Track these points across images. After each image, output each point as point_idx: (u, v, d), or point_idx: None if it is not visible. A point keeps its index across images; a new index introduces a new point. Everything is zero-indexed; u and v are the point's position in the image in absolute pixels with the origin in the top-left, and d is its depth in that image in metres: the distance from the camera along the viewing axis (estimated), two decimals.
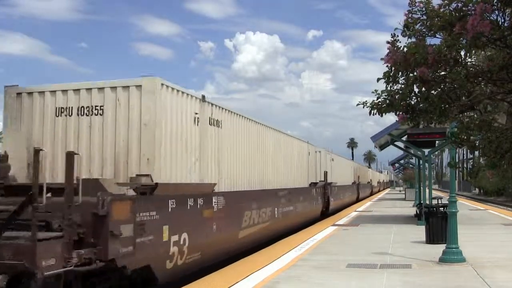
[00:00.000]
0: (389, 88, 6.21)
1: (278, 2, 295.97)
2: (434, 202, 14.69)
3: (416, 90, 6.15)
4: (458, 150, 13.68)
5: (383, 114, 6.28)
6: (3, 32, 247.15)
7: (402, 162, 50.52)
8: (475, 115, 6.61)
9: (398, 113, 6.35)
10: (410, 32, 5.86)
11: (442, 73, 5.97)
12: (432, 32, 5.81)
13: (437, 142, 19.88)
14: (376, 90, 6.23)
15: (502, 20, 5.32)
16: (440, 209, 13.33)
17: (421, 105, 6.18)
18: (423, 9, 5.77)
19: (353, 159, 61.98)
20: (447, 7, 5.55)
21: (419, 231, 14.74)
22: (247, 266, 10.23)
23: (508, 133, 6.02)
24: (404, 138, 21.26)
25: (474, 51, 5.79)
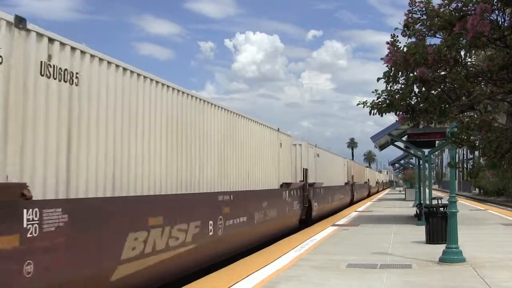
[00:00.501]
0: (389, 88, 6.20)
1: (278, 2, 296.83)
2: (434, 202, 14.70)
3: (416, 90, 6.14)
4: (458, 150, 13.67)
5: (383, 114, 6.27)
6: None
7: (402, 162, 50.56)
8: (475, 115, 6.60)
9: (398, 113, 6.34)
10: (410, 32, 5.86)
11: (442, 73, 5.97)
12: (432, 32, 5.80)
13: (437, 142, 19.87)
14: (376, 90, 6.22)
15: (502, 20, 5.32)
16: (440, 209, 13.34)
17: (421, 105, 6.17)
18: (423, 9, 5.77)
19: (353, 159, 61.44)
20: (447, 7, 5.55)
21: (419, 231, 14.74)
22: (247, 267, 10.23)
23: (508, 133, 6.02)
24: (404, 138, 21.27)
25: (474, 51, 5.78)
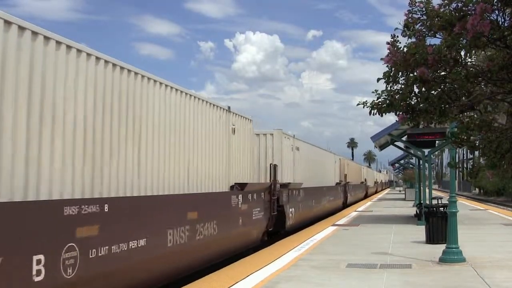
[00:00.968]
0: (389, 88, 6.21)
1: (278, 2, 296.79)
2: (434, 202, 14.70)
3: (416, 90, 6.14)
4: (458, 150, 13.67)
5: (383, 114, 6.27)
6: None
7: (402, 162, 50.49)
8: (475, 115, 6.60)
9: (398, 113, 6.33)
10: (410, 32, 5.86)
11: (442, 73, 5.97)
12: (432, 32, 5.81)
13: (437, 142, 19.87)
14: (376, 90, 6.22)
15: (502, 20, 5.32)
16: (440, 209, 13.34)
17: (421, 105, 6.17)
18: (423, 9, 5.77)
19: (353, 159, 60.98)
20: (447, 7, 5.55)
21: (419, 231, 14.74)
22: (247, 267, 10.23)
23: (508, 133, 6.02)
24: (404, 138, 21.26)
25: (474, 51, 5.78)
